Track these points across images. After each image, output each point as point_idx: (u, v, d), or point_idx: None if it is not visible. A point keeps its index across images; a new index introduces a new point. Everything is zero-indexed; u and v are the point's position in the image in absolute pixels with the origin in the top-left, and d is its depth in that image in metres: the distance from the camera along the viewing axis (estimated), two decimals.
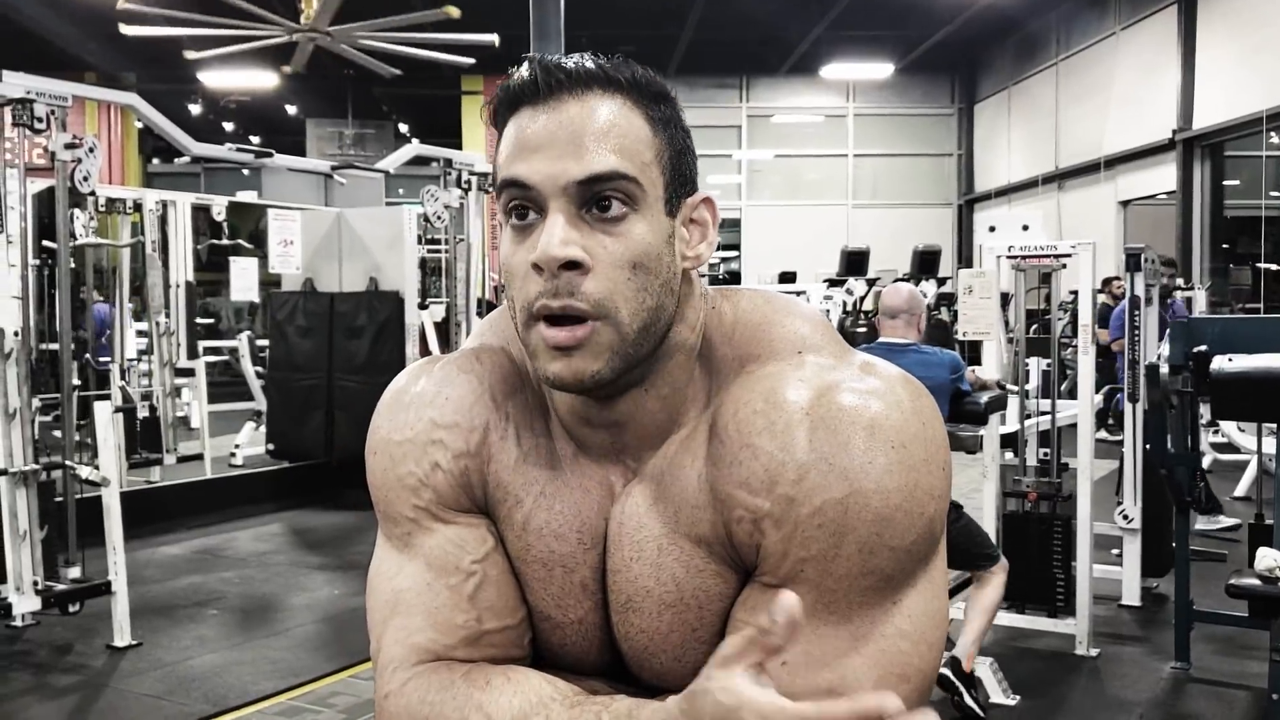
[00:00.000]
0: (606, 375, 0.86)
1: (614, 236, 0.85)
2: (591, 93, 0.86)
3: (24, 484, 4.17)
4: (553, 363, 0.86)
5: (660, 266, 0.87)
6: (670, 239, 0.88)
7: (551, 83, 0.86)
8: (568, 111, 0.86)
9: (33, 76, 4.44)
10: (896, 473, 0.83)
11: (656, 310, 0.87)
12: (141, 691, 3.86)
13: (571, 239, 0.84)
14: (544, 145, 0.85)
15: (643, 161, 0.86)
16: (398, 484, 0.96)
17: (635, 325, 0.86)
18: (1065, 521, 4.17)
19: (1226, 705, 3.75)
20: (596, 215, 0.85)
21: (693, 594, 0.90)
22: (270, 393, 7.82)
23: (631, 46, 16.46)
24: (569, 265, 0.84)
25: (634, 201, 0.86)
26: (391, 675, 0.92)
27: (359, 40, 9.37)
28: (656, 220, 0.87)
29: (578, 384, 0.87)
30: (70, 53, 14.92)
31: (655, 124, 0.88)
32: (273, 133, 20.25)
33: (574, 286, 0.84)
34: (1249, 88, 11.00)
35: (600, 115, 0.86)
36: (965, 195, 18.63)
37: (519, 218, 0.87)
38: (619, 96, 0.87)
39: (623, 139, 0.86)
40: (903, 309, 3.75)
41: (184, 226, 7.72)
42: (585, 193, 0.85)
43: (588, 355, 0.86)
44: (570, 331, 0.85)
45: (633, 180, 0.85)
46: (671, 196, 0.89)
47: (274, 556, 6.00)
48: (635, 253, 0.85)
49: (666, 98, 0.90)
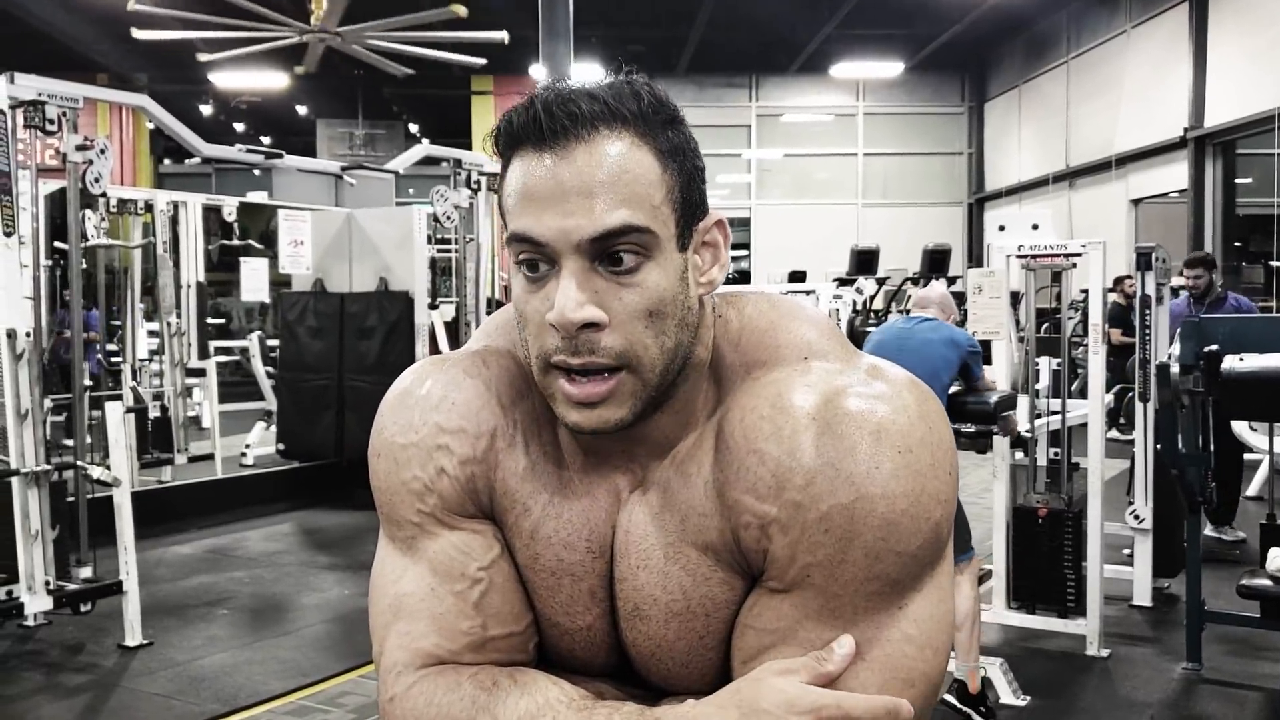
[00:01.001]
0: (629, 420, 0.87)
1: (629, 288, 0.84)
2: (598, 134, 0.84)
3: (36, 484, 4.19)
4: (572, 412, 0.87)
5: (676, 307, 0.87)
6: (684, 274, 0.88)
7: (556, 128, 0.83)
8: (575, 160, 0.83)
9: (44, 79, 4.46)
10: (903, 478, 0.83)
11: (675, 350, 0.87)
12: (152, 691, 3.87)
13: (587, 299, 0.83)
14: (552, 199, 0.83)
15: (653, 205, 0.84)
16: (402, 488, 0.96)
17: (657, 370, 0.86)
18: (1076, 521, 4.16)
19: (1238, 706, 3.73)
20: (609, 269, 0.84)
21: (699, 602, 0.90)
22: (281, 393, 7.84)
23: (641, 46, 16.50)
24: (588, 324, 0.83)
25: (647, 250, 0.84)
26: (396, 679, 0.92)
27: (368, 40, 9.38)
28: (670, 261, 0.86)
29: (599, 432, 0.87)
30: (83, 54, 14.98)
31: (664, 157, 0.86)
32: (283, 133, 20.31)
33: (594, 344, 0.84)
34: (1261, 85, 10.94)
35: (608, 162, 0.83)
36: (975, 194, 18.58)
37: (531, 269, 0.86)
38: (626, 134, 0.84)
39: (633, 185, 0.83)
40: (934, 301, 3.91)
41: (195, 227, 7.75)
42: (597, 249, 0.83)
43: (611, 406, 0.86)
44: (594, 387, 0.85)
45: (644, 230, 0.84)
46: (683, 230, 0.87)
47: (284, 556, 6.02)
48: (651, 301, 0.85)
49: (674, 122, 0.88)
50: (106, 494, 4.38)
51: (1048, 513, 4.19)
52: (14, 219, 4.15)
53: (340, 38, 9.16)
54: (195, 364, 7.66)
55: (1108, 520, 4.32)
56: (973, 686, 3.43)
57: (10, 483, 4.12)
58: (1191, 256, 6.61)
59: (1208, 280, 6.12)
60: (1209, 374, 3.69)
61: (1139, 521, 4.65)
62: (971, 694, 3.44)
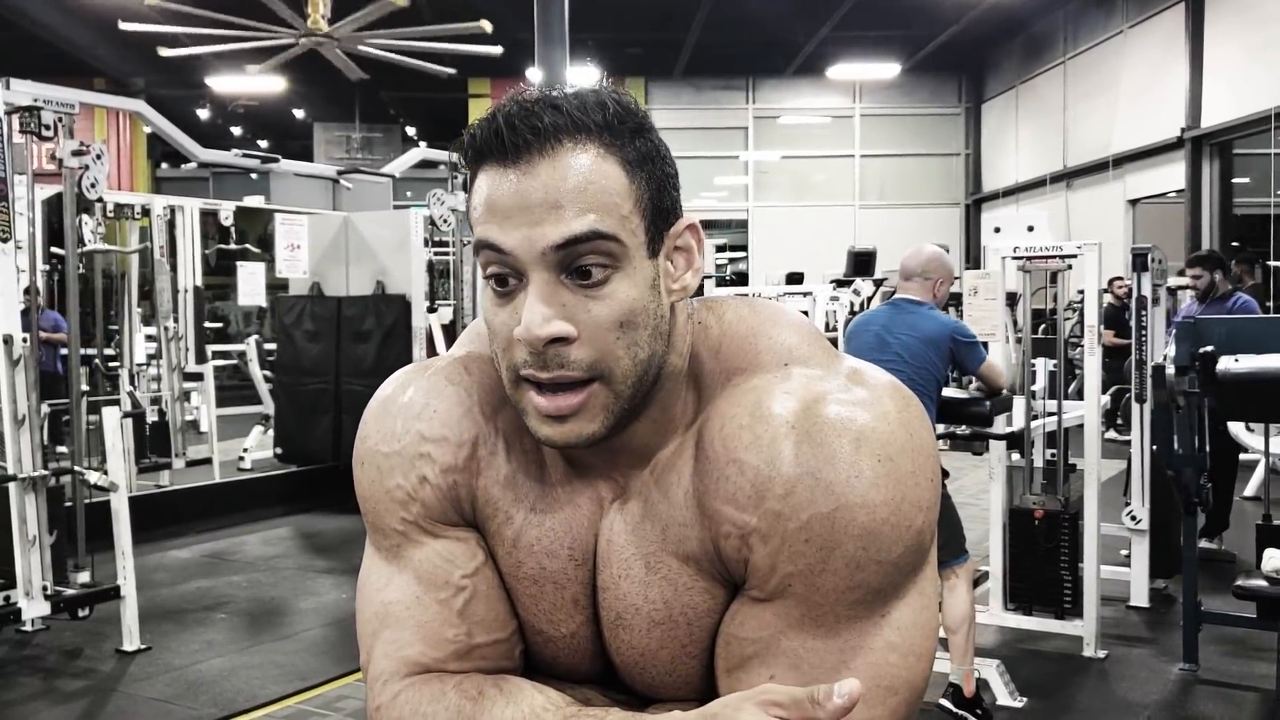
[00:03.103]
0: (601, 434, 0.86)
1: (598, 300, 0.83)
2: (562, 147, 0.82)
3: (33, 489, 4.19)
4: (543, 426, 0.86)
5: (648, 317, 0.85)
6: (655, 282, 0.86)
7: (519, 142, 0.82)
8: (539, 175, 0.82)
9: (40, 84, 4.46)
10: (883, 486, 0.82)
11: (648, 360, 0.86)
12: (150, 696, 3.87)
13: (554, 313, 0.82)
14: (516, 210, 0.82)
15: (621, 215, 0.83)
16: (386, 496, 0.96)
17: (629, 382, 0.85)
18: (1073, 522, 4.16)
19: (1235, 707, 3.73)
20: (577, 282, 0.83)
21: (681, 611, 0.90)
22: (278, 396, 7.85)
23: (638, 49, 16.49)
24: (556, 339, 0.83)
25: (615, 260, 0.83)
26: (383, 688, 0.92)
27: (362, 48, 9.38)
28: (640, 270, 0.85)
29: (571, 446, 0.87)
30: (80, 58, 14.97)
31: (632, 167, 0.84)
32: (281, 137, 20.30)
33: (563, 358, 0.83)
34: (1258, 85, 10.94)
35: (573, 174, 0.82)
36: (973, 195, 18.57)
37: (499, 284, 0.85)
38: (591, 145, 0.83)
39: (599, 196, 0.82)
40: (916, 271, 3.54)
41: (192, 231, 7.74)
42: (564, 258, 0.82)
43: (583, 419, 0.85)
44: (565, 400, 0.84)
45: (612, 238, 0.82)
46: (653, 237, 0.86)
47: (282, 560, 6.01)
48: (621, 312, 0.83)
49: (642, 131, 0.86)
50: (104, 499, 4.38)
51: (1044, 514, 4.19)
52: (10, 224, 4.15)
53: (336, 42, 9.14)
54: (193, 368, 7.66)
55: (1104, 521, 4.32)
56: (968, 690, 3.43)
57: (8, 488, 4.12)
58: (1193, 256, 6.58)
59: (1209, 280, 6.08)
60: (1204, 375, 3.70)
61: (1136, 522, 4.65)
62: (967, 697, 3.44)
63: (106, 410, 4.42)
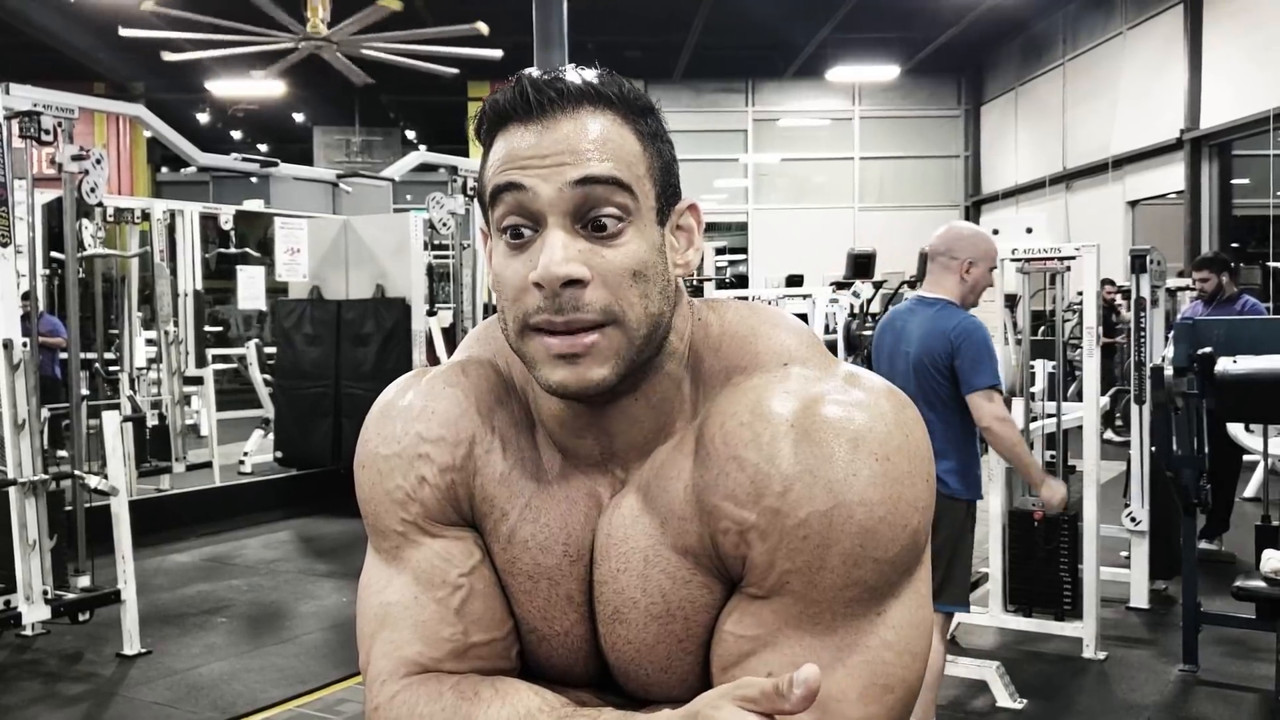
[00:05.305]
0: (611, 380, 0.87)
1: (613, 248, 0.86)
2: (583, 109, 0.87)
3: (33, 494, 4.20)
4: (556, 370, 0.86)
5: (657, 274, 0.88)
6: (662, 248, 0.90)
7: (544, 100, 0.86)
8: (560, 128, 0.86)
9: (40, 89, 4.47)
10: (880, 485, 0.83)
11: (659, 316, 0.88)
12: (151, 700, 3.87)
13: (572, 255, 0.84)
14: (537, 157, 0.85)
15: (636, 174, 0.87)
16: (385, 498, 0.97)
17: (642, 331, 0.87)
18: (1072, 524, 4.17)
19: (1234, 707, 3.73)
20: (594, 234, 0.86)
21: (679, 605, 0.90)
22: (278, 400, 7.85)
23: (637, 52, 16.50)
24: (571, 282, 0.84)
25: (629, 214, 0.86)
26: (381, 688, 0.93)
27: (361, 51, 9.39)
28: (650, 231, 0.88)
29: (582, 391, 0.87)
30: (80, 63, 14.99)
31: (644, 138, 0.89)
32: (281, 140, 20.31)
33: (578, 301, 0.85)
34: (1256, 86, 10.96)
35: (593, 129, 0.86)
36: (972, 197, 18.59)
37: (514, 236, 0.87)
38: (609, 112, 0.88)
39: (618, 150, 0.87)
40: (940, 250, 3.07)
41: (192, 235, 7.76)
42: (582, 204, 0.85)
43: (594, 361, 0.86)
44: (575, 339, 0.85)
45: (628, 189, 0.86)
46: (662, 206, 0.90)
47: (282, 564, 6.02)
48: (635, 262, 0.86)
49: (652, 111, 0.92)
50: (104, 503, 4.38)
51: (1044, 516, 4.20)
52: (10, 229, 4.16)
53: (335, 44, 9.16)
54: (193, 372, 7.68)
55: (1104, 523, 4.33)
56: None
57: (8, 492, 4.12)
58: (1200, 258, 6.56)
59: (1216, 283, 6.06)
60: (1203, 376, 3.70)
61: (1135, 524, 4.65)
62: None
63: (106, 414, 4.43)
